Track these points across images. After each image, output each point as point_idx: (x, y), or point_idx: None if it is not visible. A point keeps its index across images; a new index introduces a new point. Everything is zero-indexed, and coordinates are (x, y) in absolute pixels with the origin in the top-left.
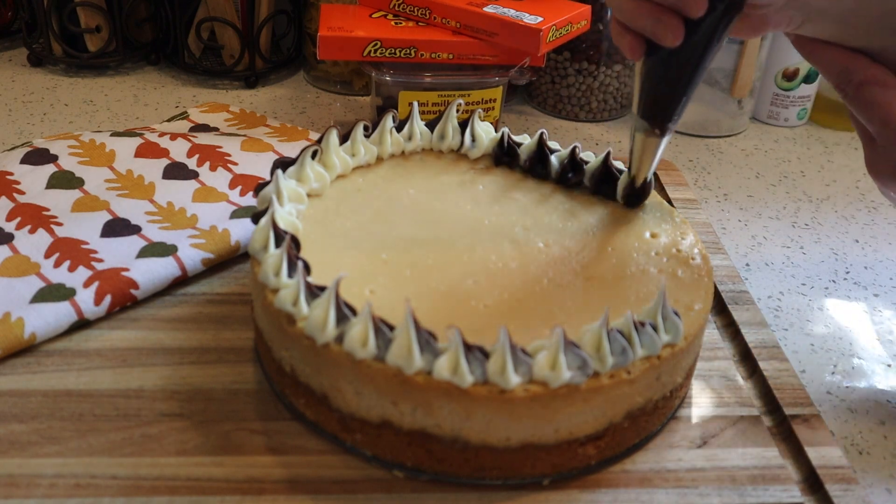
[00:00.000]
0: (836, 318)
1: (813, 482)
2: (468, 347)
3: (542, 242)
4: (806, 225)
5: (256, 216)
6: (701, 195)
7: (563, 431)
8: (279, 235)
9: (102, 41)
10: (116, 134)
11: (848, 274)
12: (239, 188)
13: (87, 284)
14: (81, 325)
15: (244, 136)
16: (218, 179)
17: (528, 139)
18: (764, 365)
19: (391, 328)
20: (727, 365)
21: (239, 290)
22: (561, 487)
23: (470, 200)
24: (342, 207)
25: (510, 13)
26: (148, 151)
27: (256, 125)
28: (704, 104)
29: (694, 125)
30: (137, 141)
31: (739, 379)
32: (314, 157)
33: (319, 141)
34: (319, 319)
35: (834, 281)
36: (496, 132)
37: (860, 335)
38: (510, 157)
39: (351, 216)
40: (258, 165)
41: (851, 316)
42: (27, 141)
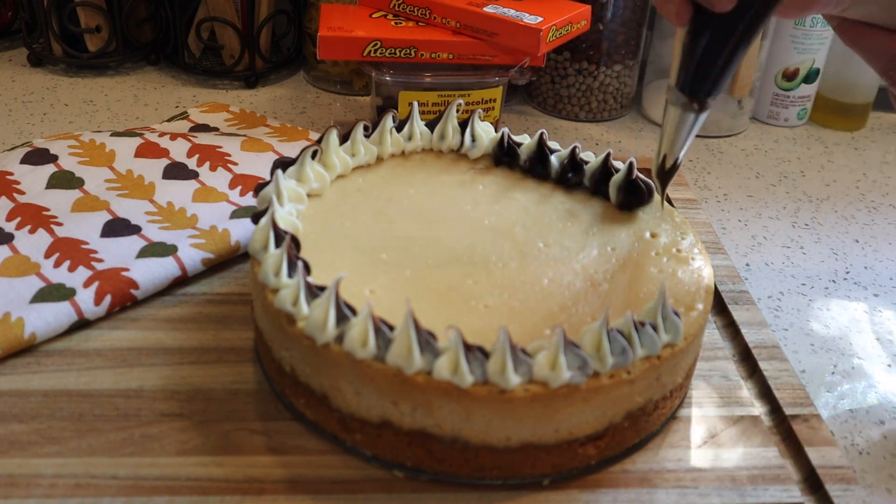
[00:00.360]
0: (836, 318)
1: (813, 482)
2: (468, 347)
3: (542, 242)
4: (806, 225)
5: (256, 216)
6: (701, 195)
7: (563, 431)
8: (279, 235)
9: (102, 41)
10: (116, 134)
11: (848, 274)
12: (239, 188)
13: (87, 284)
14: (81, 325)
15: (244, 136)
16: (218, 179)
17: (528, 139)
18: (764, 365)
19: (391, 328)
20: (727, 365)
21: (239, 290)
22: (561, 487)
23: (470, 200)
24: (342, 207)
25: (510, 13)
26: (148, 151)
27: (256, 125)
28: None
29: None
30: (137, 141)
31: (739, 379)
32: (314, 157)
33: (319, 141)
34: (319, 319)
35: (834, 281)
36: (496, 132)
37: (860, 335)
38: (510, 157)
39: (351, 216)
40: (258, 165)
41: (851, 316)
42: (27, 141)
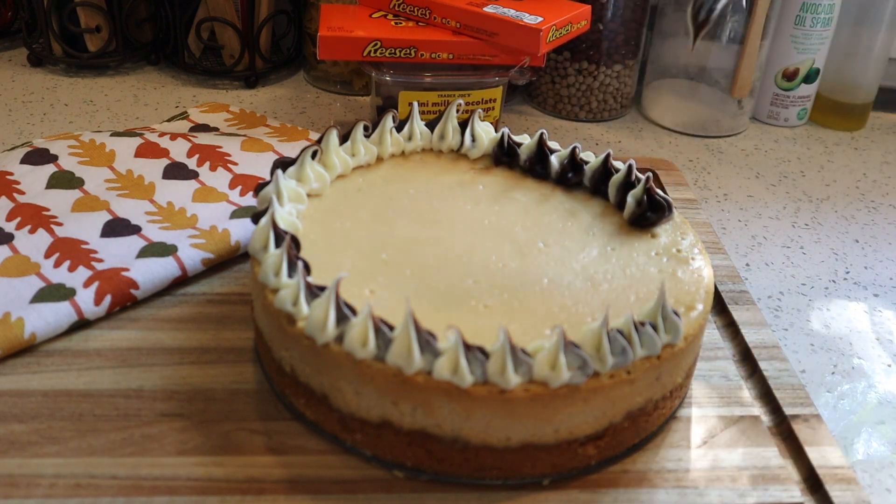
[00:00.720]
0: (836, 318)
1: (813, 482)
2: (468, 347)
3: (542, 242)
4: (806, 225)
5: (256, 216)
6: (701, 195)
7: (563, 431)
8: (279, 235)
9: (102, 41)
10: (116, 134)
11: (848, 274)
12: (239, 188)
13: (87, 284)
14: (81, 325)
15: (244, 136)
16: (218, 179)
17: (528, 139)
18: (764, 365)
19: (391, 328)
20: (727, 365)
21: (239, 290)
22: (561, 487)
23: (470, 200)
24: (342, 207)
25: (510, 13)
26: (148, 151)
27: (256, 125)
28: (704, 104)
29: (694, 125)
30: (137, 141)
31: (739, 379)
32: (314, 157)
33: (319, 141)
34: (319, 319)
35: (834, 281)
36: (496, 132)
37: (860, 335)
38: (510, 157)
39: (351, 216)
40: (258, 165)
41: (851, 316)
42: (27, 141)
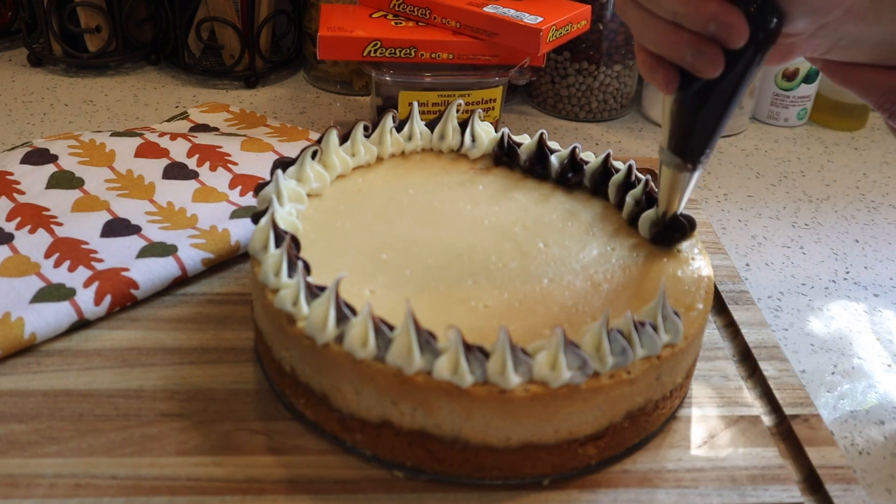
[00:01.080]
0: (836, 318)
1: (813, 482)
2: (468, 347)
3: (542, 242)
4: (806, 225)
5: (256, 216)
6: (701, 195)
7: (563, 431)
8: (279, 235)
9: (102, 41)
10: (116, 134)
11: (848, 274)
12: (239, 188)
13: (87, 284)
14: (81, 325)
15: (244, 136)
16: (218, 179)
17: (528, 139)
18: (764, 365)
19: (391, 328)
20: (727, 365)
21: (239, 290)
22: (561, 487)
23: (470, 200)
24: (342, 207)
25: (510, 13)
26: (148, 151)
27: (256, 125)
28: None
29: None
30: (137, 141)
31: (739, 379)
32: (314, 157)
33: (319, 141)
34: (319, 319)
35: (834, 281)
36: (496, 132)
37: (860, 335)
38: (510, 157)
39: (351, 216)
40: (258, 165)
41: (851, 316)
42: (27, 141)
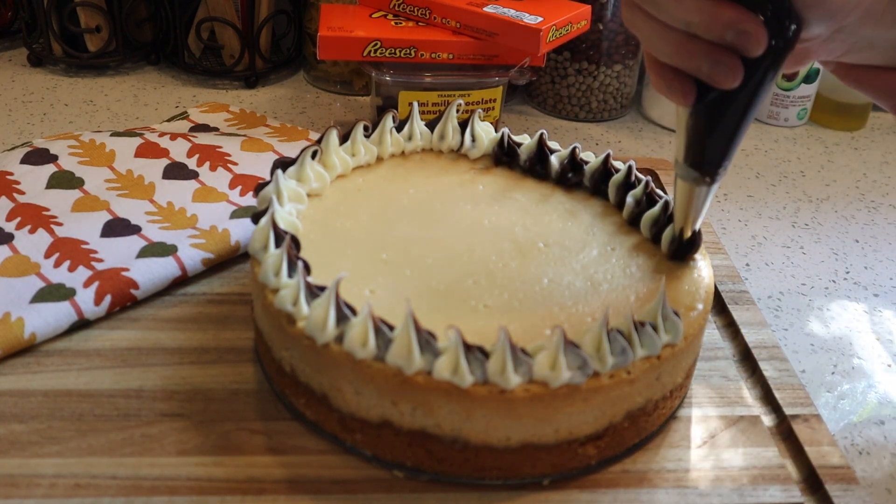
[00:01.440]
0: (836, 317)
1: (813, 482)
2: (468, 347)
3: (542, 242)
4: (806, 225)
5: (256, 216)
6: None
7: (563, 431)
8: (279, 235)
9: (102, 41)
10: (116, 134)
11: (848, 274)
12: (239, 188)
13: (87, 284)
14: (81, 325)
15: (244, 136)
16: (218, 179)
17: (528, 139)
18: (764, 365)
19: (391, 328)
20: (727, 365)
21: (239, 290)
22: (561, 487)
23: (470, 200)
24: (342, 207)
25: (510, 13)
26: (148, 151)
27: (256, 125)
28: None
29: None
30: (137, 141)
31: (739, 379)
32: (314, 157)
33: (319, 141)
34: (319, 319)
35: (834, 281)
36: (496, 132)
37: (860, 335)
38: (510, 157)
39: (351, 216)
40: (258, 165)
41: (851, 316)
42: (27, 141)
